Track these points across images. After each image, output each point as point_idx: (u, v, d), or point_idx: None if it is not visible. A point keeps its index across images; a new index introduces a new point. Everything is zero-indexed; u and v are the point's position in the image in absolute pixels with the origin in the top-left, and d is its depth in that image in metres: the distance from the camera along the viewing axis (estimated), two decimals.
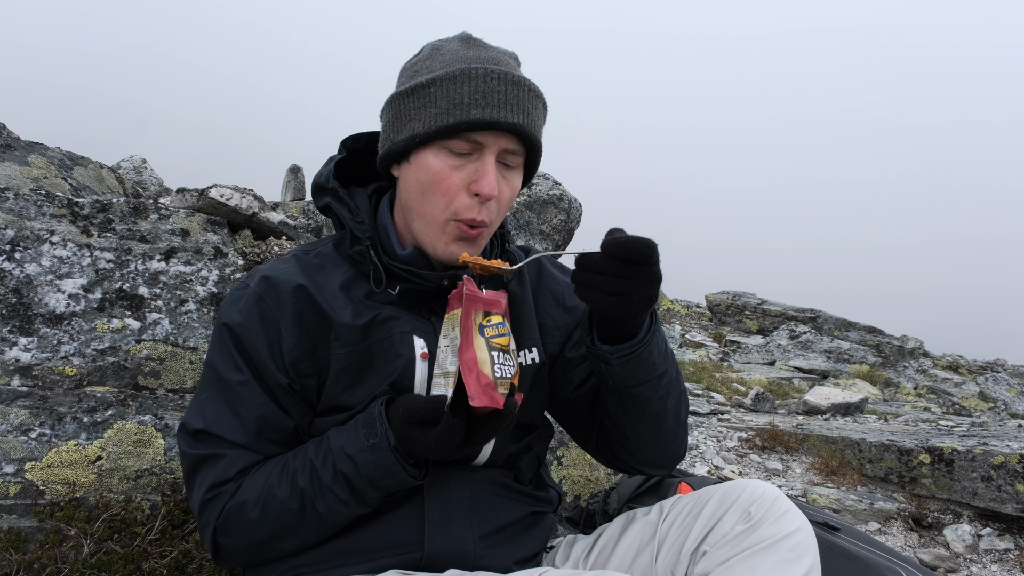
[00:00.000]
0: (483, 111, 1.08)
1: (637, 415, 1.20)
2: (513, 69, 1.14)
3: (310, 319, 1.16)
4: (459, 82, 1.08)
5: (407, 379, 1.15)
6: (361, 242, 1.19)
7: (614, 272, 1.01)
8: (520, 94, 1.11)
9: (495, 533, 1.20)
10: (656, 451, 1.26)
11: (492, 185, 1.10)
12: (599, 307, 1.06)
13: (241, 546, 1.11)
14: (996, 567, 2.59)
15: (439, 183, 1.12)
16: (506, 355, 1.08)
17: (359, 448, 1.05)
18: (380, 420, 1.06)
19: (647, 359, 1.13)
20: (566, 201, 3.13)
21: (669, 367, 1.20)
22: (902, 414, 5.05)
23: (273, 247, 2.31)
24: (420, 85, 1.11)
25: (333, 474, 1.06)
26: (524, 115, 1.11)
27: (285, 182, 8.35)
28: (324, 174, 1.25)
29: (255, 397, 1.13)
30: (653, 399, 1.18)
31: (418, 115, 1.11)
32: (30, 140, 2.74)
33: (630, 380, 1.14)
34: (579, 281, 1.05)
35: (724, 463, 3.37)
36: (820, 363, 8.11)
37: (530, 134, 1.12)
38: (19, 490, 1.57)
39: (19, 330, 1.69)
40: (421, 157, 1.13)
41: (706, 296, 11.46)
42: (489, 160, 1.11)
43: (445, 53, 1.14)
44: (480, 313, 1.09)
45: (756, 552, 1.10)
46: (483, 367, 1.03)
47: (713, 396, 5.15)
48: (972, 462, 2.88)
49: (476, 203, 1.12)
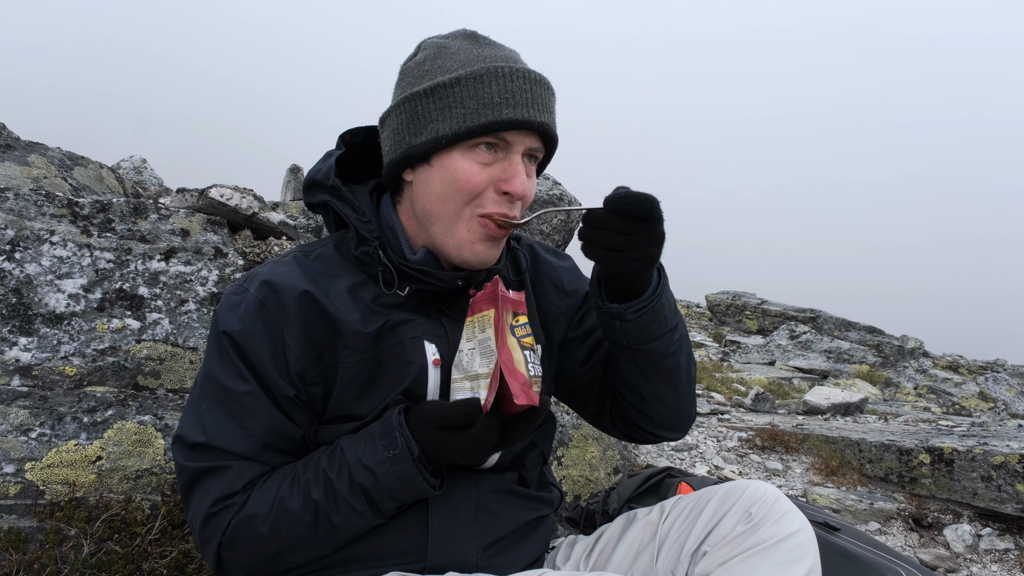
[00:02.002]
0: (515, 110, 1.06)
1: (653, 372, 1.20)
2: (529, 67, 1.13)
3: (317, 326, 1.11)
4: (487, 81, 1.07)
5: (420, 387, 1.12)
6: (368, 242, 1.15)
7: (615, 228, 1.03)
8: (544, 93, 1.11)
9: (498, 542, 1.19)
10: (671, 411, 1.27)
11: (524, 184, 1.10)
12: (602, 263, 1.07)
13: (248, 560, 1.07)
14: (996, 567, 2.59)
15: (467, 182, 1.09)
16: (534, 353, 1.09)
17: (379, 459, 1.03)
18: (400, 430, 1.04)
19: (660, 312, 1.14)
20: (566, 201, 3.13)
21: (679, 322, 1.22)
22: (902, 414, 5.06)
23: (273, 247, 2.31)
24: (442, 85, 1.08)
25: (350, 486, 1.03)
26: (548, 114, 1.11)
27: (285, 182, 8.35)
28: (323, 170, 1.20)
29: (262, 408, 1.08)
30: (667, 354, 1.19)
31: (442, 116, 1.08)
32: (30, 140, 2.74)
33: (645, 335, 1.15)
34: (584, 237, 1.06)
35: (724, 463, 3.37)
36: (820, 363, 8.11)
37: (554, 134, 1.12)
38: (19, 490, 1.57)
39: (19, 330, 1.69)
40: (446, 158, 1.10)
41: (706, 296, 11.46)
42: (517, 160, 1.10)
43: (458, 52, 1.11)
44: (510, 314, 1.10)
45: (757, 553, 1.10)
46: (519, 366, 1.04)
47: (713, 396, 5.15)
48: (972, 462, 2.88)
49: (505, 200, 1.11)
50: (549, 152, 1.17)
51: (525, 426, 1.03)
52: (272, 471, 1.10)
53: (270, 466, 1.09)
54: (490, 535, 1.18)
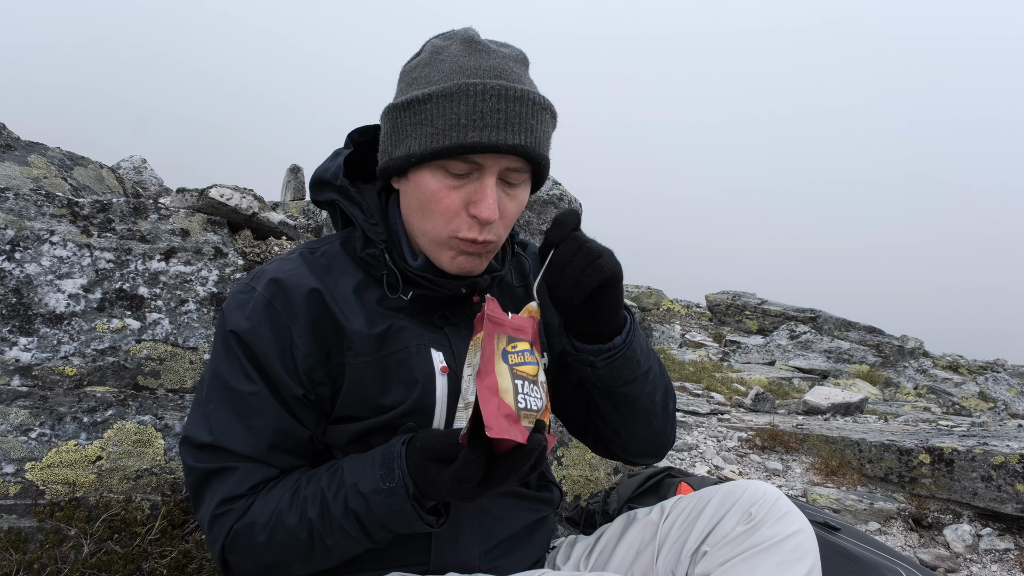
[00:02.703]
0: (480, 133, 1.00)
1: (627, 412, 1.21)
2: (516, 79, 1.06)
3: (324, 325, 1.09)
4: (455, 100, 1.01)
5: (428, 395, 1.10)
6: (375, 245, 1.13)
7: (570, 253, 1.07)
8: (522, 110, 1.03)
9: (501, 544, 1.19)
10: (648, 444, 1.29)
11: (491, 209, 1.04)
12: (602, 275, 1.08)
13: (249, 567, 1.06)
14: (996, 567, 2.59)
15: (437, 203, 1.06)
16: (533, 385, 0.96)
17: (373, 489, 0.98)
18: (399, 463, 0.98)
19: (631, 358, 1.14)
20: (566, 201, 3.13)
21: (653, 363, 1.22)
22: (902, 414, 5.05)
23: (273, 247, 2.31)
24: (415, 100, 1.05)
25: (344, 510, 1.00)
26: (527, 133, 1.03)
27: (285, 182, 8.35)
28: (331, 170, 1.18)
29: (269, 408, 1.06)
30: (641, 396, 1.19)
31: (414, 132, 1.05)
32: (30, 140, 2.74)
33: (617, 380, 1.15)
34: (549, 281, 1.09)
35: (724, 463, 3.37)
36: (820, 363, 8.11)
37: (533, 152, 1.05)
38: (19, 490, 1.57)
39: (19, 330, 1.69)
40: (419, 176, 1.07)
41: (706, 296, 11.46)
42: (489, 182, 1.05)
43: (445, 60, 1.06)
44: (504, 338, 0.99)
45: (757, 553, 1.10)
46: (504, 396, 0.92)
47: (713, 396, 5.15)
48: (972, 462, 2.88)
49: (476, 223, 1.07)
50: (537, 169, 1.11)
51: (510, 466, 0.90)
52: (280, 476, 1.09)
53: (277, 468, 1.08)
54: (493, 538, 1.18)
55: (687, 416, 4.14)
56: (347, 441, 1.12)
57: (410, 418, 1.10)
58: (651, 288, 12.12)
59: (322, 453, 1.16)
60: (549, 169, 1.13)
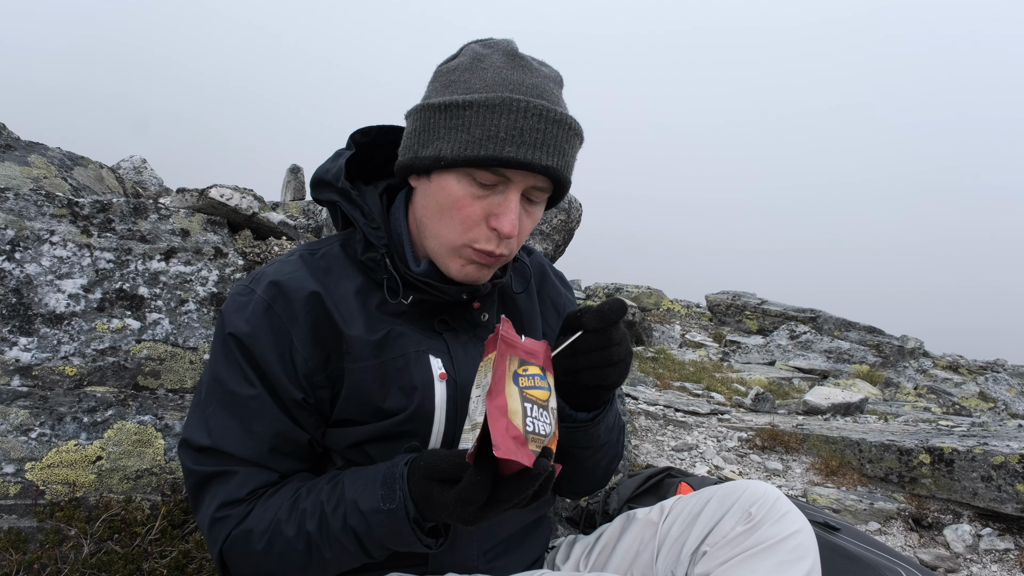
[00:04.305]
0: (518, 150, 1.01)
1: (569, 463, 1.18)
2: (555, 100, 1.07)
3: (324, 329, 1.09)
4: (498, 112, 1.01)
5: (427, 401, 1.10)
6: (376, 248, 1.13)
7: (611, 340, 1.03)
8: (559, 133, 1.04)
9: (499, 544, 1.19)
10: (575, 491, 1.34)
11: (513, 224, 1.05)
12: (599, 380, 1.05)
13: (247, 572, 1.06)
14: (996, 567, 2.59)
15: (459, 210, 1.06)
16: (543, 410, 0.95)
17: (373, 508, 0.97)
18: (400, 484, 0.97)
19: (593, 433, 1.15)
20: (566, 201, 3.13)
21: (612, 440, 1.23)
22: (902, 414, 5.05)
23: (273, 247, 2.31)
24: (455, 105, 1.04)
25: (343, 526, 0.99)
26: (559, 156, 1.04)
27: (285, 182, 8.36)
28: (333, 171, 1.17)
29: (268, 412, 1.06)
30: (588, 460, 1.20)
31: (448, 136, 1.04)
32: (30, 140, 2.74)
33: (570, 443, 1.15)
34: (581, 365, 1.04)
35: (724, 463, 3.37)
36: (820, 363, 8.11)
37: (561, 175, 1.05)
38: (19, 490, 1.57)
39: (19, 330, 1.69)
40: (443, 179, 1.06)
41: (706, 296, 11.46)
42: (513, 197, 1.05)
43: (488, 69, 1.06)
44: (516, 360, 0.98)
45: (756, 553, 1.11)
46: (513, 417, 0.90)
47: (713, 396, 5.15)
48: (972, 462, 2.88)
49: (495, 236, 1.07)
50: (559, 190, 1.11)
51: (514, 488, 0.87)
52: (279, 481, 1.08)
53: (277, 472, 1.08)
54: (491, 539, 1.18)
55: (687, 416, 4.14)
56: (347, 445, 1.11)
57: (410, 425, 1.09)
58: (651, 288, 12.13)
59: (321, 456, 1.15)
60: (568, 190, 1.13)
